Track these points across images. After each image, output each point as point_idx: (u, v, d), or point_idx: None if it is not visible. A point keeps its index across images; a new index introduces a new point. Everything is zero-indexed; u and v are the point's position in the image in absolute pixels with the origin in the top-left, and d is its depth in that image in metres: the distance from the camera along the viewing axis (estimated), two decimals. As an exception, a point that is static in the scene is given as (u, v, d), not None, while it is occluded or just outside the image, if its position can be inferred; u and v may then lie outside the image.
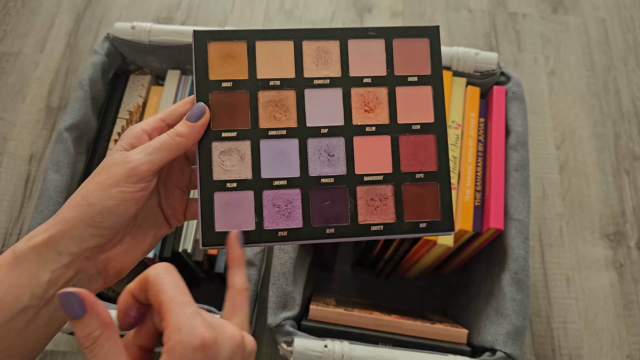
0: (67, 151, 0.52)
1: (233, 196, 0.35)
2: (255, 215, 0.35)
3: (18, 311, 0.29)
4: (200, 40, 0.35)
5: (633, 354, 0.66)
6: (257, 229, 0.34)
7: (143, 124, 0.33)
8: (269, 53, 0.36)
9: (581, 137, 0.80)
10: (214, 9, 0.90)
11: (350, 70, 0.36)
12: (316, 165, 0.35)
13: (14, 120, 0.79)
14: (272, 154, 0.35)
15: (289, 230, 0.35)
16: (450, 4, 0.91)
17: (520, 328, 0.47)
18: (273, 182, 0.35)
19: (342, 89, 0.36)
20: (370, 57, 0.37)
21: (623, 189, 0.76)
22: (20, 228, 0.72)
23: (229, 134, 0.35)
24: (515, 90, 0.56)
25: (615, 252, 0.72)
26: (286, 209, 0.35)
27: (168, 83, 0.59)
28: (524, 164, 0.52)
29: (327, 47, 0.37)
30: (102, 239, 0.31)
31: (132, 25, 0.58)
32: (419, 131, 0.36)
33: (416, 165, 0.36)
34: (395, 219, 0.35)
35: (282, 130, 0.35)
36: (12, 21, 0.88)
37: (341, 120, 0.36)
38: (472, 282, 0.59)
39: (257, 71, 0.36)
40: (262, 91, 0.36)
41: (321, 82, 0.36)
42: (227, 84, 0.36)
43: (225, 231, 0.34)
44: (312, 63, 0.36)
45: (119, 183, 0.30)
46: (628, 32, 0.89)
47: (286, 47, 0.36)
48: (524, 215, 0.50)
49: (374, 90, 0.37)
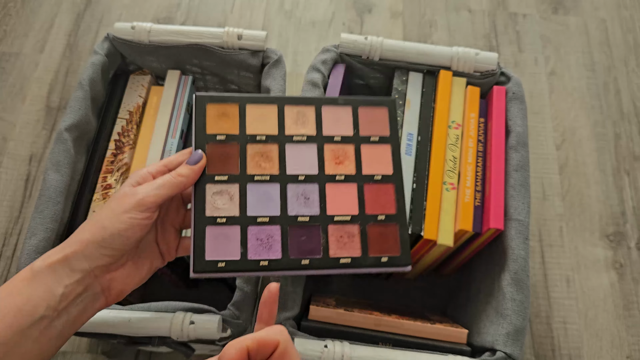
0: (67, 151, 0.52)
1: (222, 230, 0.40)
2: (241, 247, 0.40)
3: (35, 320, 0.33)
4: (201, 101, 0.43)
5: (633, 354, 0.66)
6: (241, 259, 0.40)
7: (150, 168, 0.40)
8: (257, 114, 0.44)
9: (581, 137, 0.80)
10: (213, 9, 0.90)
11: (323, 130, 0.44)
12: (294, 206, 0.42)
13: (14, 121, 0.79)
14: (257, 196, 0.42)
15: (269, 260, 0.40)
16: (450, 5, 0.91)
17: (520, 328, 0.47)
18: (257, 219, 0.41)
19: (316, 144, 0.44)
20: (340, 120, 0.45)
21: (623, 189, 0.76)
22: (21, 228, 0.72)
23: (221, 178, 0.42)
24: (515, 90, 0.56)
25: (615, 253, 0.72)
26: (267, 242, 0.41)
27: (168, 83, 0.59)
28: (524, 164, 0.52)
29: (304, 111, 0.44)
30: (110, 259, 0.36)
31: (132, 26, 0.58)
32: (380, 181, 0.44)
33: (378, 208, 0.43)
34: (361, 254, 0.42)
35: (266, 176, 0.42)
36: (11, 21, 0.88)
37: (316, 170, 0.43)
38: (472, 282, 0.59)
39: (247, 128, 0.43)
40: (250, 144, 0.43)
41: (299, 138, 0.44)
42: (221, 137, 0.43)
43: (214, 260, 0.40)
44: (292, 123, 0.44)
45: (129, 210, 0.36)
46: (628, 32, 0.89)
47: (271, 110, 0.44)
48: (524, 215, 0.50)
49: (343, 147, 0.44)
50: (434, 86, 0.57)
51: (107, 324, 0.45)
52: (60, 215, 0.49)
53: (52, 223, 0.48)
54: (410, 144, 0.53)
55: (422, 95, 0.56)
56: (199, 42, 0.57)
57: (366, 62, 0.58)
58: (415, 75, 0.57)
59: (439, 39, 0.88)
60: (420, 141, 0.54)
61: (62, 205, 0.50)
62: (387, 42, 0.57)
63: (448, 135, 0.54)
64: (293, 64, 0.85)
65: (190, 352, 0.49)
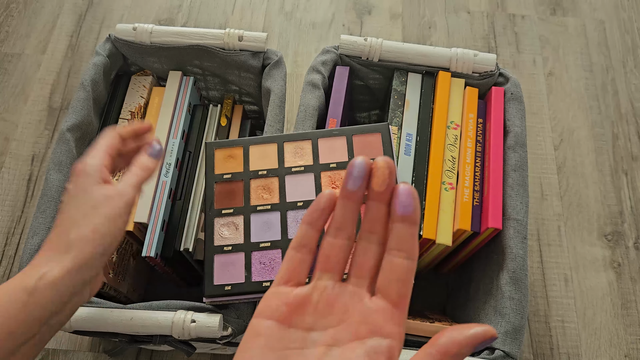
0: (69, 151, 0.52)
1: (228, 257, 0.44)
2: (245, 271, 0.44)
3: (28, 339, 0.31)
4: (210, 148, 0.48)
5: (631, 353, 0.66)
6: (246, 281, 0.44)
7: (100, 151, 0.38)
8: (259, 153, 0.48)
9: (579, 137, 0.81)
10: (214, 10, 0.91)
11: (320, 159, 0.47)
12: (294, 230, 0.45)
13: (16, 121, 0.79)
14: (260, 224, 0.45)
15: (272, 281, 0.42)
16: (449, 6, 0.92)
17: (519, 327, 0.47)
18: (260, 244, 0.45)
19: (313, 173, 0.47)
20: (335, 149, 0.48)
21: (621, 189, 0.77)
22: (23, 228, 0.72)
23: (228, 211, 0.46)
24: (513, 91, 0.56)
25: (613, 252, 0.72)
26: (270, 265, 0.44)
27: (169, 84, 0.60)
28: (522, 164, 0.53)
29: (302, 145, 0.48)
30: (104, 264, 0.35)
31: (133, 27, 0.58)
32: None
33: None
34: None
35: (267, 205, 0.46)
36: (14, 22, 0.88)
37: (313, 195, 0.46)
38: (471, 281, 0.59)
39: (250, 165, 0.47)
40: (253, 179, 0.47)
41: (298, 169, 0.47)
42: (228, 176, 0.47)
43: (222, 284, 0.44)
44: (291, 157, 0.48)
45: (122, 214, 0.35)
46: (626, 33, 0.90)
47: (272, 148, 0.48)
48: (522, 215, 0.50)
49: (338, 172, 0.47)
50: (432, 87, 0.57)
51: (108, 322, 0.45)
52: (63, 214, 0.50)
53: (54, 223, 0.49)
54: (409, 144, 0.54)
55: (421, 96, 0.57)
56: (200, 43, 0.58)
57: (366, 63, 0.58)
58: (415, 76, 0.58)
59: (438, 40, 0.89)
60: (419, 141, 0.54)
61: (65, 205, 0.50)
62: (387, 43, 0.57)
63: (447, 135, 0.55)
64: (293, 65, 0.86)
65: (191, 350, 0.50)
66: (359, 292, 0.23)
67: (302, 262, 0.24)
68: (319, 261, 0.24)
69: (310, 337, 0.22)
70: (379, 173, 0.23)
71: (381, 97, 0.65)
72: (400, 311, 0.22)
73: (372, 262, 0.23)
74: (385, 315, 0.22)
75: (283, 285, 0.24)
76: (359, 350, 0.21)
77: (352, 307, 0.23)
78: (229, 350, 0.60)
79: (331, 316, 0.23)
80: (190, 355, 0.51)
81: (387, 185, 0.23)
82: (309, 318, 0.23)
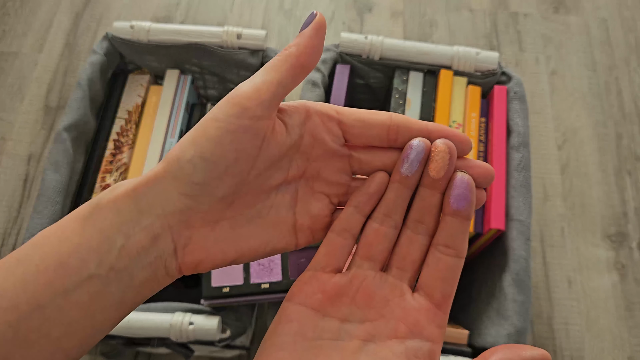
0: (66, 151, 0.51)
1: None
2: (244, 272, 0.44)
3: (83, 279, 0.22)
4: None
5: (635, 355, 0.66)
6: (244, 283, 0.44)
7: None
8: None
9: (583, 137, 0.80)
10: (213, 8, 0.90)
11: None
12: None
13: (12, 120, 0.79)
14: None
15: (270, 283, 0.43)
16: (451, 4, 0.91)
17: (522, 329, 0.46)
18: None
19: None
20: None
21: (625, 190, 0.76)
22: (19, 228, 0.71)
23: None
24: (516, 90, 0.55)
25: (617, 253, 0.71)
26: (269, 266, 0.44)
27: (167, 83, 0.59)
28: (525, 164, 0.52)
29: None
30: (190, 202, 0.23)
31: (131, 25, 0.57)
32: None
33: None
34: None
35: None
36: (10, 21, 0.87)
37: None
38: (473, 283, 0.58)
39: None
40: None
41: None
42: None
43: (220, 286, 0.44)
44: None
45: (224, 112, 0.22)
46: (630, 32, 0.89)
47: None
48: (525, 216, 0.50)
49: None
50: (434, 86, 0.56)
51: (105, 325, 0.45)
52: (59, 215, 0.49)
53: (51, 223, 0.48)
54: (411, 143, 0.53)
55: (422, 94, 0.56)
56: (199, 42, 0.57)
57: (366, 62, 0.58)
58: (416, 74, 0.57)
59: (440, 39, 0.88)
60: (421, 141, 0.53)
61: (61, 205, 0.49)
62: (388, 41, 0.57)
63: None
64: (293, 64, 0.85)
65: (189, 353, 0.49)
66: (400, 285, 0.22)
67: (343, 247, 0.22)
68: (360, 247, 0.22)
69: (345, 328, 0.21)
70: (437, 158, 0.21)
71: (382, 96, 0.64)
72: (443, 313, 0.21)
73: (417, 255, 0.22)
74: (428, 316, 0.21)
75: (320, 271, 0.22)
76: (397, 350, 0.20)
77: (392, 302, 0.21)
78: (227, 353, 0.59)
79: (369, 309, 0.21)
80: (188, 358, 0.51)
81: (446, 172, 0.21)
82: (346, 308, 0.21)
